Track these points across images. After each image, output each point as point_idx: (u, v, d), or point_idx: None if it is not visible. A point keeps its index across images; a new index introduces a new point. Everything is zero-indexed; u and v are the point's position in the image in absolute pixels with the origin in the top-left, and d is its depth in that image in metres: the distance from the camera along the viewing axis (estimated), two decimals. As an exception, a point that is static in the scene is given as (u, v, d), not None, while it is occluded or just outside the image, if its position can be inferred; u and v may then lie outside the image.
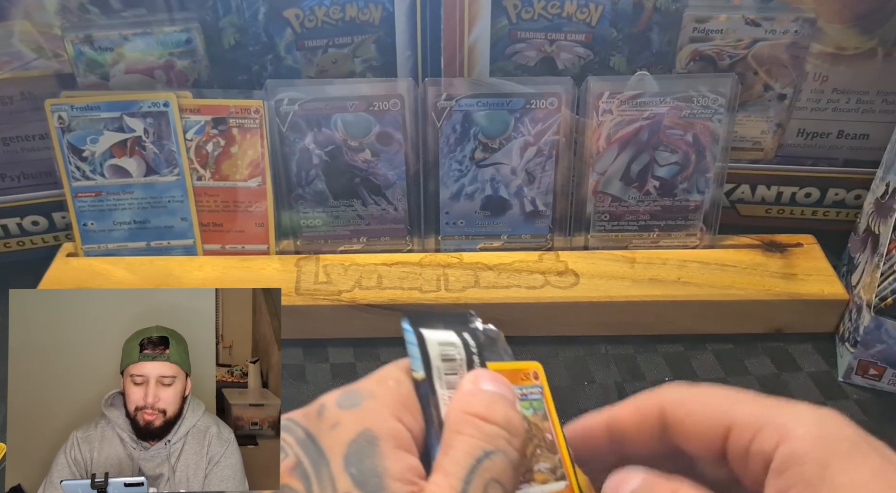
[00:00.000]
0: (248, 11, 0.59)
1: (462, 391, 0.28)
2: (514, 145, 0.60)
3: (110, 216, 0.62)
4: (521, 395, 0.30)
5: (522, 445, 0.27)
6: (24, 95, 0.60)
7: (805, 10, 0.59)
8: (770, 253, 0.62)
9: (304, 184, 0.61)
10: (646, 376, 0.57)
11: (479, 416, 0.27)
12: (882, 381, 0.56)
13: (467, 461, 0.25)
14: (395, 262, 0.62)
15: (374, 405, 0.27)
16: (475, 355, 0.30)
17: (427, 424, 0.28)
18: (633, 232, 0.64)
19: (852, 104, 0.63)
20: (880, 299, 0.53)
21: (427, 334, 0.30)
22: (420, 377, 0.29)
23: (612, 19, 0.60)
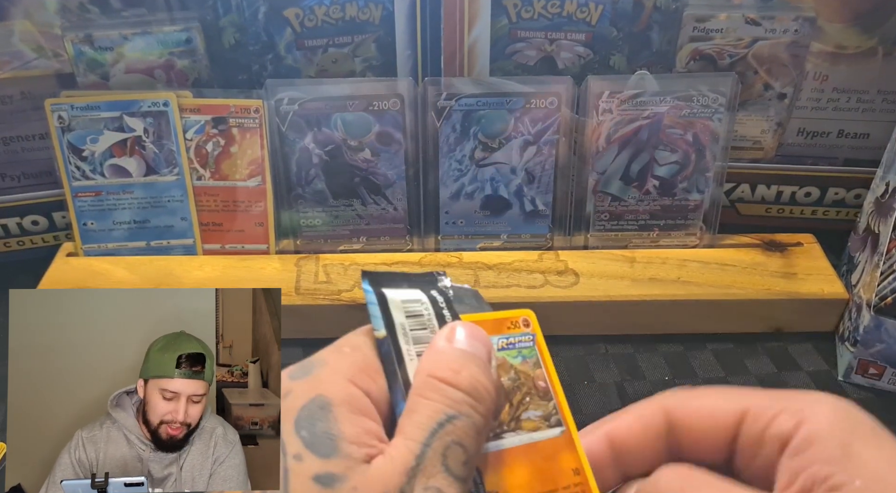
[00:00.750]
0: (248, 11, 0.59)
1: (432, 350, 0.27)
2: (513, 145, 0.60)
3: (110, 216, 0.62)
4: (507, 343, 0.29)
5: (489, 408, 0.27)
6: (25, 95, 0.60)
7: (805, 9, 0.59)
8: (770, 252, 0.62)
9: (303, 183, 0.61)
10: (646, 375, 0.57)
11: (444, 380, 0.26)
12: (882, 380, 0.56)
13: (429, 424, 0.25)
14: (395, 261, 0.62)
15: (325, 372, 0.27)
16: (445, 310, 0.29)
17: (391, 383, 0.27)
18: (633, 231, 0.64)
19: (852, 103, 0.63)
20: (880, 299, 0.53)
21: (389, 292, 0.29)
22: (381, 336, 0.28)
23: (612, 18, 0.60)
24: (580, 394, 0.56)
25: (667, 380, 0.57)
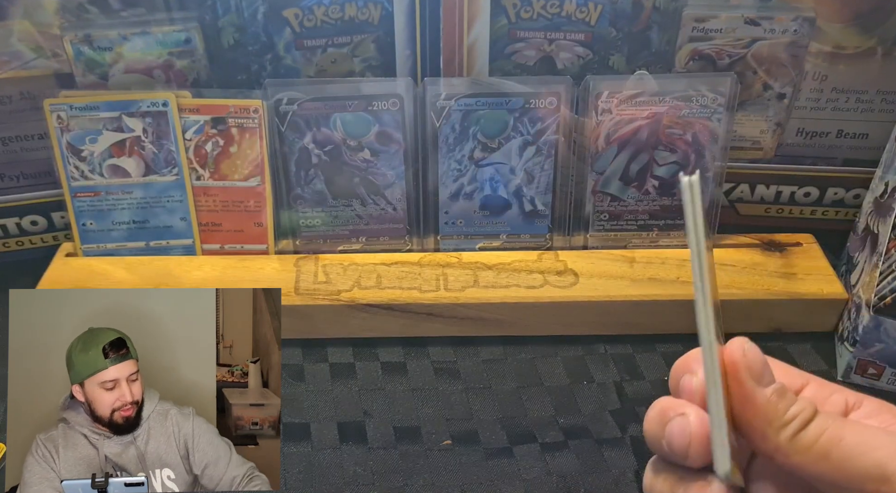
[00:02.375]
0: (247, 11, 0.59)
1: None
2: (513, 145, 0.60)
3: (109, 216, 0.62)
4: None
5: None
6: (23, 95, 0.60)
7: (804, 9, 0.59)
8: (769, 252, 0.62)
9: (303, 183, 0.61)
10: (645, 375, 0.57)
11: None
12: (881, 380, 0.56)
13: None
14: (395, 261, 0.62)
15: None
16: None
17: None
18: (633, 231, 0.64)
19: (851, 103, 0.63)
20: (879, 299, 0.53)
21: None
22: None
23: (611, 18, 0.60)
24: (579, 394, 0.56)
25: (666, 380, 0.57)
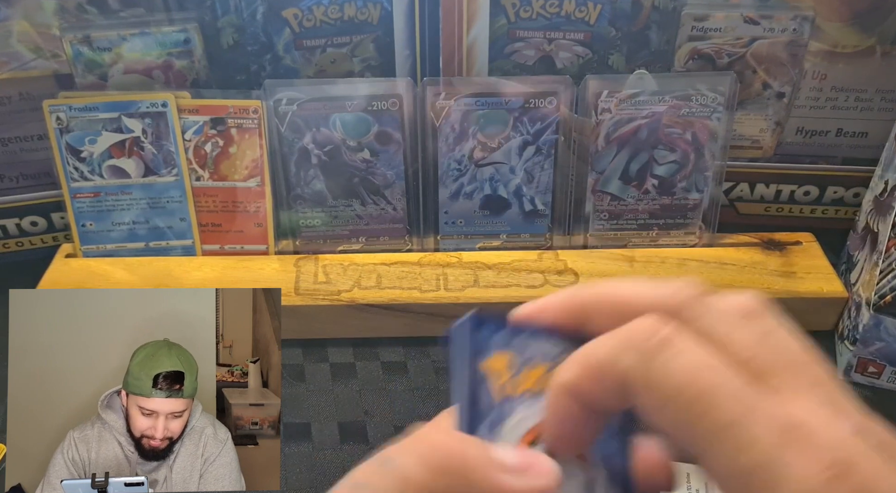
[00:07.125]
0: (246, 11, 0.59)
1: None
2: (512, 144, 0.60)
3: (109, 217, 0.62)
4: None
5: None
6: (23, 96, 0.60)
7: (803, 8, 0.59)
8: (769, 251, 0.62)
9: (302, 184, 0.61)
10: (645, 374, 0.57)
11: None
12: (881, 379, 0.56)
13: None
14: (395, 261, 0.62)
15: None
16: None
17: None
18: (632, 231, 0.64)
19: (851, 102, 0.63)
20: (879, 297, 0.53)
21: None
22: None
23: (610, 18, 0.60)
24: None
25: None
